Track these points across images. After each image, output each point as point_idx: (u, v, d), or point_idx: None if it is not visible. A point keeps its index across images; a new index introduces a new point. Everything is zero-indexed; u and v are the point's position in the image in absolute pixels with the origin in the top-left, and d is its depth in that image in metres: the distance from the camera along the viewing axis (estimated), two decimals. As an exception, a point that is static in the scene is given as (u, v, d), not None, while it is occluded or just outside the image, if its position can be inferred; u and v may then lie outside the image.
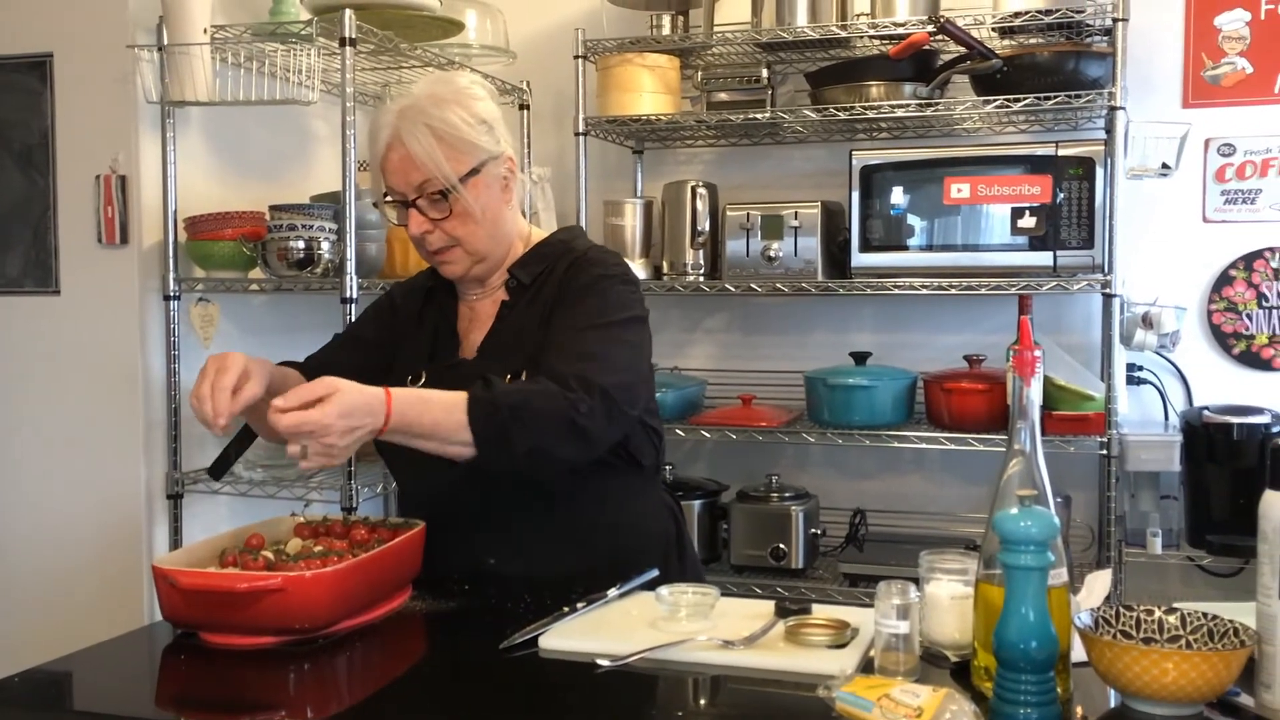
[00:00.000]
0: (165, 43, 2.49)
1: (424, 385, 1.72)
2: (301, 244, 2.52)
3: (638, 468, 1.80)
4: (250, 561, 1.52)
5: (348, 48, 2.47)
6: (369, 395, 1.50)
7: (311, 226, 2.53)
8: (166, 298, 2.60)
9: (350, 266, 2.47)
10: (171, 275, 2.59)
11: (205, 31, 2.49)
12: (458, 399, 1.55)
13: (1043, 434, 2.90)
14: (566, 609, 1.50)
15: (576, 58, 3.07)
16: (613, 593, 1.56)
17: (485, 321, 1.80)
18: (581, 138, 3.09)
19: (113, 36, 2.53)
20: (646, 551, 1.75)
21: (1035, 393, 1.28)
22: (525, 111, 3.25)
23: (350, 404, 1.47)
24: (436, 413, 1.55)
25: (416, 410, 1.53)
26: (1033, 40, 2.92)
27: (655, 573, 1.60)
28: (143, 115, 2.55)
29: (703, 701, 1.32)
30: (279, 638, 1.44)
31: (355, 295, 2.48)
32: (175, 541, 2.59)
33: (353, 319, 2.48)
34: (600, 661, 1.34)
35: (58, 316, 2.62)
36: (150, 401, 2.58)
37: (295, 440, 1.46)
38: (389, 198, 1.75)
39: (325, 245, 2.52)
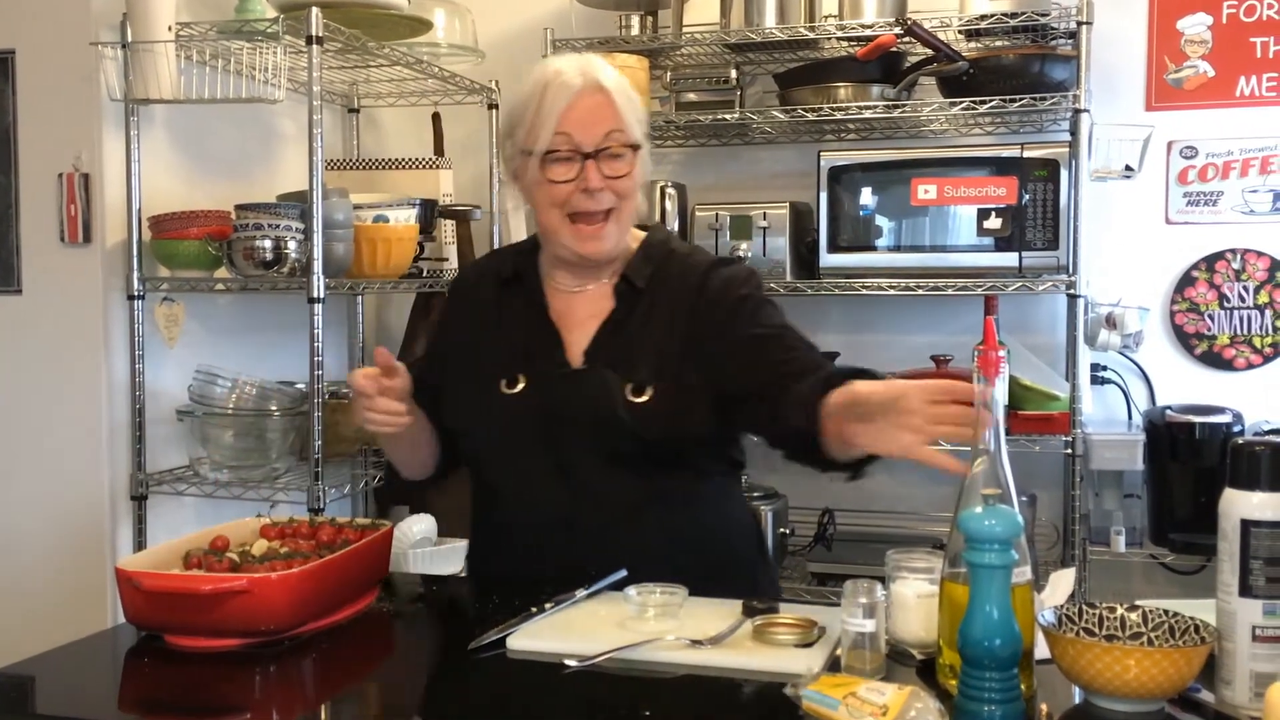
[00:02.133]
0: (129, 40, 2.46)
1: (528, 391, 1.66)
2: (268, 243, 2.50)
3: (734, 469, 1.80)
4: (215, 563, 1.51)
5: (314, 46, 2.46)
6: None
7: (278, 226, 2.51)
8: (130, 297, 2.57)
9: (317, 266, 2.46)
10: (136, 274, 2.57)
11: (170, 29, 2.47)
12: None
13: (1008, 434, 2.93)
14: (534, 609, 1.49)
15: (545, 57, 3.06)
16: (580, 593, 1.56)
17: (585, 321, 1.72)
18: (550, 137, 3.08)
19: (76, 33, 2.50)
20: (738, 553, 1.74)
21: (1000, 392, 1.29)
22: (494, 111, 3.24)
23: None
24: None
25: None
26: (998, 43, 2.95)
27: (624, 573, 1.60)
28: (106, 113, 2.53)
29: (670, 701, 1.32)
30: (244, 640, 1.43)
31: (322, 295, 2.47)
32: (139, 543, 2.56)
33: (320, 319, 2.46)
34: (568, 662, 1.34)
35: (19, 316, 2.59)
36: (114, 402, 2.56)
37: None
38: (554, 152, 1.64)
39: (292, 245, 2.51)
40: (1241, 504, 1.20)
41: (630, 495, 1.65)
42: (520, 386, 1.68)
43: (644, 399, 1.64)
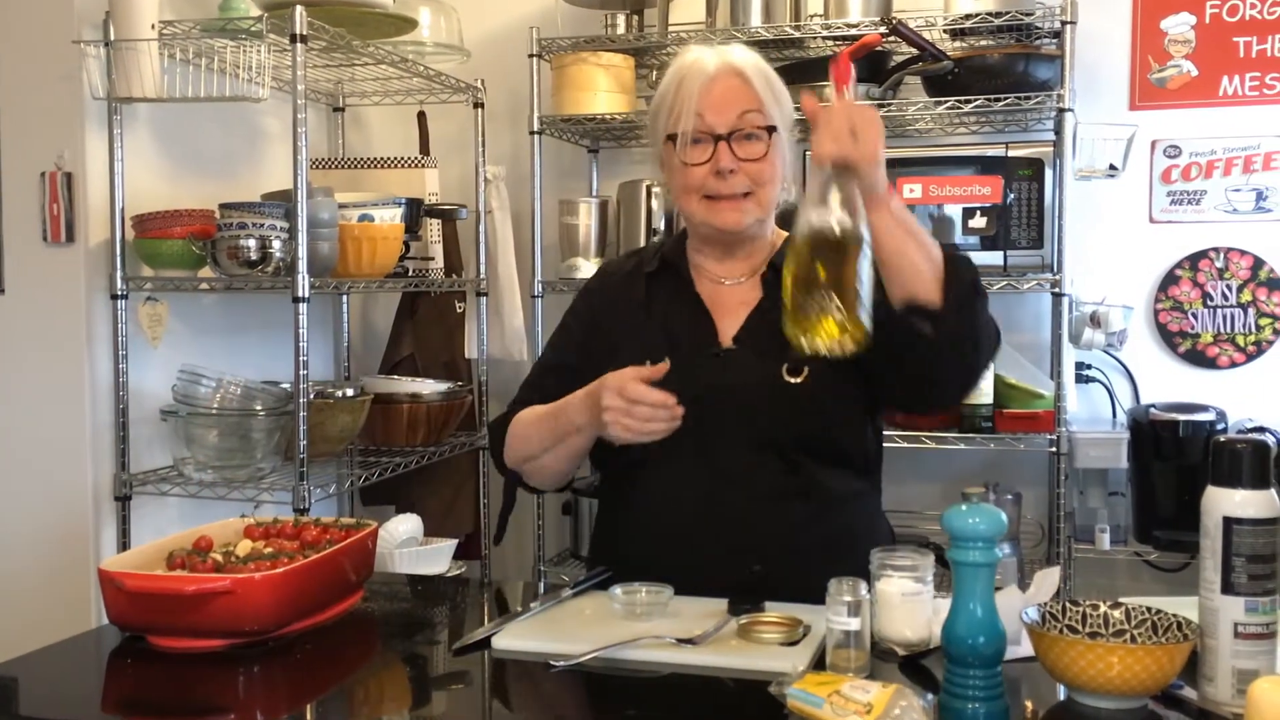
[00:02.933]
0: (112, 38, 2.45)
1: (681, 373, 1.55)
2: (252, 243, 2.49)
3: (876, 473, 1.79)
4: (199, 563, 1.50)
5: (299, 44, 2.45)
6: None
7: (263, 225, 2.50)
8: (114, 297, 2.56)
9: (302, 266, 2.45)
10: (119, 274, 2.56)
11: (153, 27, 2.45)
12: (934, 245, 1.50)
13: (994, 431, 2.94)
14: (520, 609, 1.49)
15: (531, 56, 3.07)
16: (566, 592, 1.56)
17: (735, 308, 1.71)
18: (536, 136, 3.08)
19: (58, 32, 2.49)
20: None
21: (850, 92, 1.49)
22: (480, 110, 3.23)
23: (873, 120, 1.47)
24: (920, 231, 1.49)
25: (907, 214, 1.49)
26: (983, 42, 2.96)
27: (609, 572, 1.60)
28: (89, 112, 2.51)
29: (655, 701, 1.32)
30: (228, 640, 1.43)
31: (307, 294, 2.46)
32: (123, 544, 2.55)
33: (305, 318, 2.46)
34: (553, 661, 1.34)
35: (2, 316, 2.57)
36: (98, 402, 2.54)
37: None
38: (693, 133, 1.65)
39: (277, 244, 2.50)
40: (1224, 501, 1.21)
41: (772, 484, 1.62)
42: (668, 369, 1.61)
43: (800, 380, 1.62)
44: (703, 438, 1.61)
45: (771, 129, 1.66)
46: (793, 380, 1.62)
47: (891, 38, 2.79)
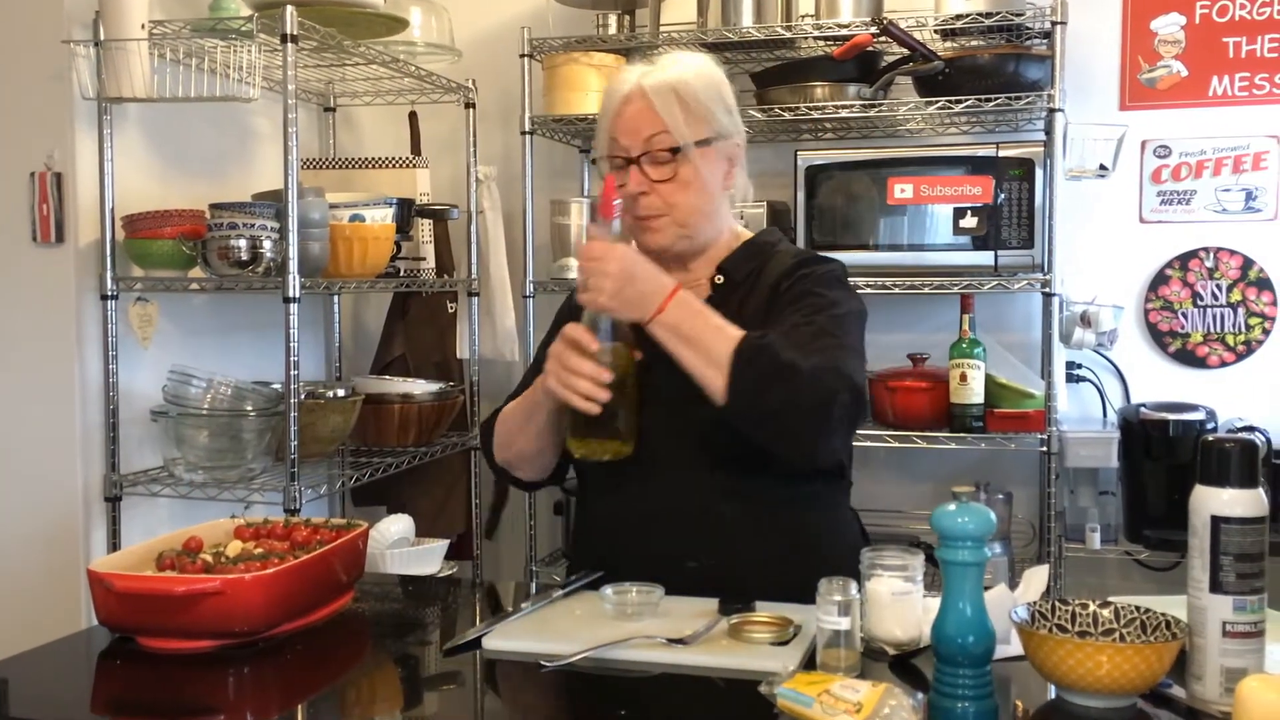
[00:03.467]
0: (102, 38, 2.45)
1: (648, 386, 1.63)
2: (243, 243, 2.48)
3: (840, 478, 1.79)
4: (188, 564, 1.50)
5: (289, 44, 2.44)
6: (659, 273, 1.57)
7: (253, 225, 2.49)
8: (104, 297, 2.55)
9: (293, 266, 2.45)
10: (109, 274, 2.55)
11: (143, 27, 2.45)
12: (734, 330, 1.55)
13: (984, 431, 2.95)
14: (511, 609, 1.49)
15: (522, 56, 3.07)
16: (557, 593, 1.56)
17: None
18: (528, 136, 3.08)
19: (48, 31, 2.48)
20: (842, 565, 1.72)
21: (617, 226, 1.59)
22: (471, 110, 3.23)
23: (639, 262, 1.56)
24: (709, 326, 1.55)
25: (692, 312, 1.55)
26: (974, 43, 2.96)
27: (600, 573, 1.60)
28: (79, 111, 2.51)
29: (646, 700, 1.32)
30: (218, 641, 1.42)
31: (298, 295, 2.45)
32: (114, 545, 2.54)
33: (295, 318, 2.45)
34: (544, 662, 1.34)
35: (-9, 316, 2.57)
36: (87, 402, 2.54)
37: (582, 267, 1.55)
38: (612, 157, 1.71)
39: (267, 244, 2.49)
40: (1212, 500, 1.21)
41: (709, 490, 1.64)
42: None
43: None
44: (645, 444, 1.65)
45: (679, 150, 1.67)
46: None
47: (882, 38, 2.80)
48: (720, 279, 1.74)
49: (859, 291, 2.84)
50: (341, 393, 2.76)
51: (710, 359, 1.53)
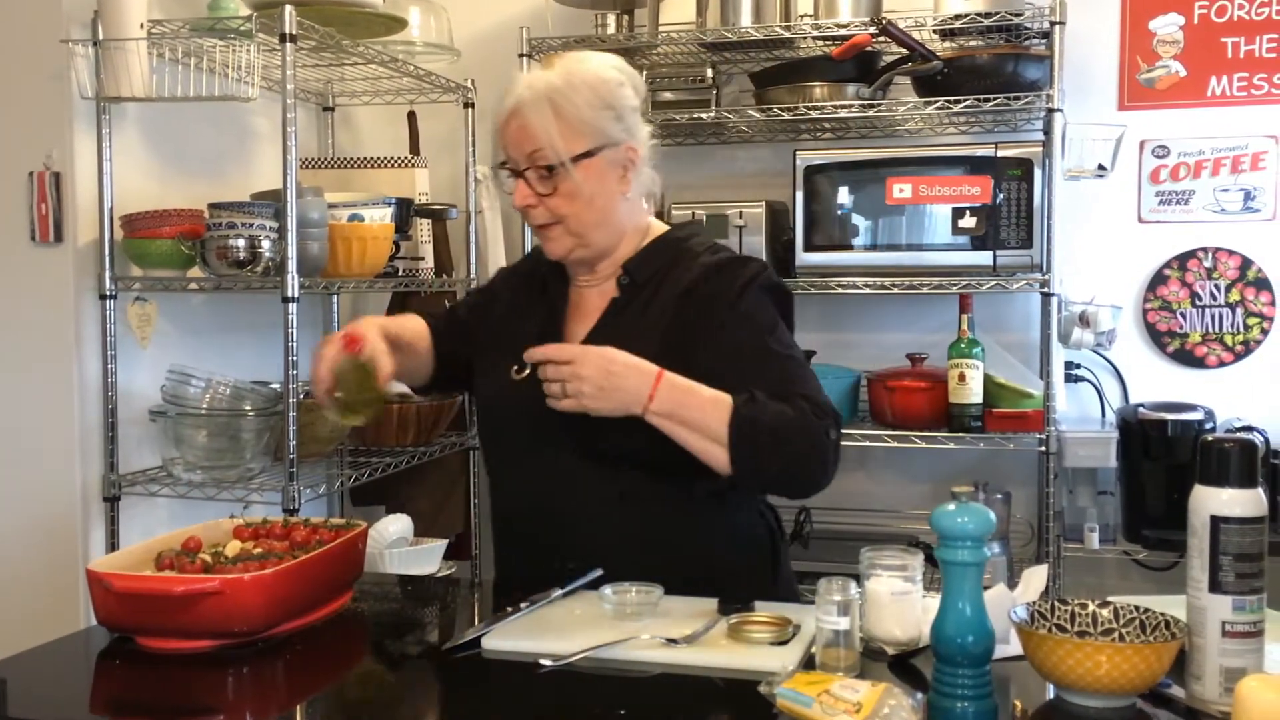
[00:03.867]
0: (100, 38, 2.44)
1: (530, 379, 1.65)
2: (242, 242, 2.48)
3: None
4: (187, 564, 1.50)
5: (288, 44, 2.44)
6: (636, 362, 1.56)
7: (252, 225, 2.49)
8: (103, 297, 2.55)
9: (291, 265, 2.44)
10: (108, 274, 2.55)
11: (142, 26, 2.44)
12: (723, 397, 1.56)
13: (983, 431, 2.94)
14: (510, 609, 1.49)
15: (521, 56, 3.06)
16: (556, 592, 1.56)
17: (590, 315, 1.75)
18: (526, 136, 3.07)
19: (46, 31, 2.48)
20: (739, 565, 1.72)
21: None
22: (470, 110, 3.23)
23: (613, 357, 1.54)
24: (701, 405, 1.56)
25: (681, 392, 1.56)
26: (972, 43, 2.96)
27: (599, 572, 1.60)
28: (78, 111, 2.50)
29: (645, 700, 1.32)
30: (217, 641, 1.42)
31: (297, 294, 2.45)
32: (112, 544, 2.54)
33: (294, 318, 2.45)
34: (543, 661, 1.34)
35: (-10, 316, 2.56)
36: (86, 402, 2.54)
37: (548, 376, 1.55)
38: (505, 165, 1.73)
39: (266, 244, 2.49)
40: (1211, 500, 1.21)
41: (603, 491, 1.65)
42: (526, 373, 1.69)
43: None
44: (541, 444, 1.68)
45: (555, 168, 1.67)
46: None
47: (881, 38, 2.80)
48: (626, 279, 1.74)
49: (859, 292, 2.87)
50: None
51: (709, 437, 1.57)
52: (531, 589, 1.56)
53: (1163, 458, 2.76)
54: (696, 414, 1.56)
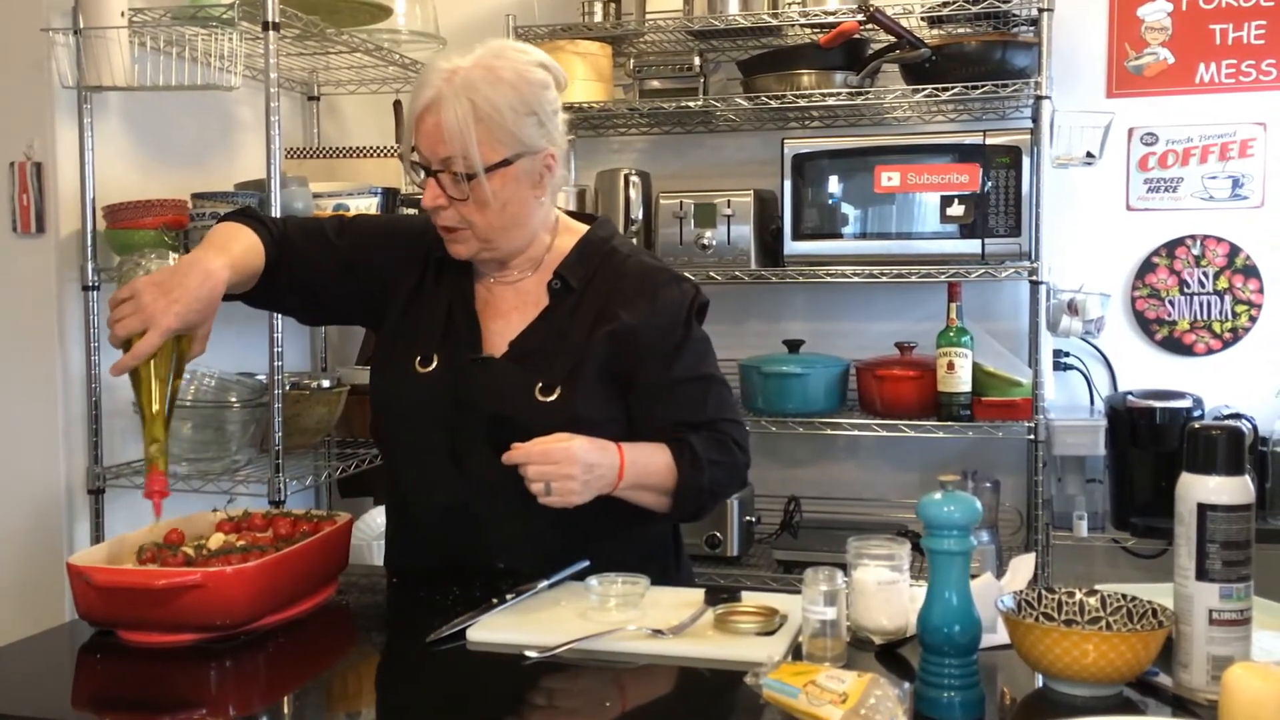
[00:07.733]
0: (81, 26, 2.42)
1: (439, 374, 1.65)
2: (226, 233, 2.46)
3: None
4: (169, 557, 1.48)
5: (271, 32, 2.42)
6: (602, 445, 1.58)
7: (236, 215, 2.47)
8: (85, 288, 2.53)
9: (276, 256, 2.43)
10: (90, 265, 2.53)
11: (123, 15, 2.43)
12: (669, 465, 1.63)
13: (972, 419, 2.94)
14: (495, 600, 1.48)
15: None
16: (542, 584, 1.55)
17: (507, 313, 1.70)
18: (513, 125, 3.06)
19: (26, 19, 2.45)
20: (648, 555, 1.71)
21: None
22: (456, 99, 3.21)
23: (587, 449, 1.55)
24: (653, 469, 1.63)
25: (641, 463, 1.62)
26: (960, 30, 2.95)
27: (586, 563, 1.59)
28: (58, 100, 2.48)
29: (631, 691, 1.32)
30: (199, 635, 1.41)
31: (281, 285, 2.43)
32: (97, 537, 2.53)
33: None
34: (528, 653, 1.33)
35: (-28, 308, 2.54)
36: (70, 394, 2.52)
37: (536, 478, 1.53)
38: (415, 157, 1.63)
39: (250, 234, 2.47)
40: (1198, 488, 1.20)
41: (521, 489, 1.57)
42: (432, 367, 1.67)
43: (550, 399, 1.62)
44: (454, 442, 1.65)
45: (471, 176, 1.58)
46: (545, 399, 1.62)
47: (869, 25, 2.79)
48: (558, 283, 1.70)
49: (848, 280, 2.85)
50: (326, 384, 2.75)
51: (660, 495, 1.65)
52: (449, 582, 1.58)
53: (1151, 445, 2.77)
54: (654, 479, 1.64)
